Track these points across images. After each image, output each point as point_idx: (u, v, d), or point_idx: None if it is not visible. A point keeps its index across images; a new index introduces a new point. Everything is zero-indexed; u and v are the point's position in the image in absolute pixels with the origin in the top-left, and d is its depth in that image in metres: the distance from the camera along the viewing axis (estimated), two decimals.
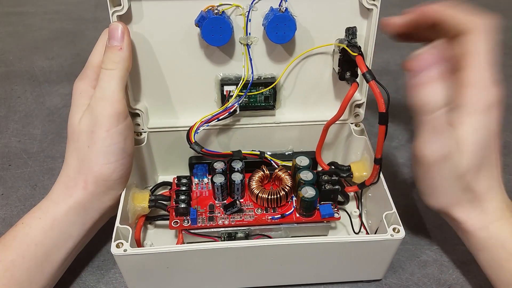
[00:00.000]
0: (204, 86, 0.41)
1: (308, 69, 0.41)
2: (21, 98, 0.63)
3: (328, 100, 0.44)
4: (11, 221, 0.44)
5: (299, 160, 0.40)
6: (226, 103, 0.40)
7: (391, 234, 0.34)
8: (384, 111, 0.33)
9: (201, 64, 0.40)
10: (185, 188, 0.40)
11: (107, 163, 0.35)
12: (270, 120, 0.44)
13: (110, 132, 0.34)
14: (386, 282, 0.39)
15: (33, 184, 0.49)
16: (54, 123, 0.58)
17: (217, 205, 0.39)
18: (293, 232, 0.39)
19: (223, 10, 0.36)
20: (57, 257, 0.35)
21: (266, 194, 0.38)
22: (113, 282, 0.39)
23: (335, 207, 0.39)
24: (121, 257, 0.33)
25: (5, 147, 0.54)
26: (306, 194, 0.37)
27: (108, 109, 0.34)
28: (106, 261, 0.41)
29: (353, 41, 0.37)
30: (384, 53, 0.75)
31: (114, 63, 0.35)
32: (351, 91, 0.37)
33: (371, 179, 0.39)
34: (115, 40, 0.35)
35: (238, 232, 0.38)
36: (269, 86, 0.41)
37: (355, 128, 0.44)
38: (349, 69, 0.38)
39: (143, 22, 0.37)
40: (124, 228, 0.34)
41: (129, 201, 0.38)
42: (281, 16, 0.35)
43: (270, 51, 0.40)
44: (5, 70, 0.70)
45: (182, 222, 0.38)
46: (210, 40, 0.36)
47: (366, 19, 0.38)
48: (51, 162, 0.52)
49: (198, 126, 0.39)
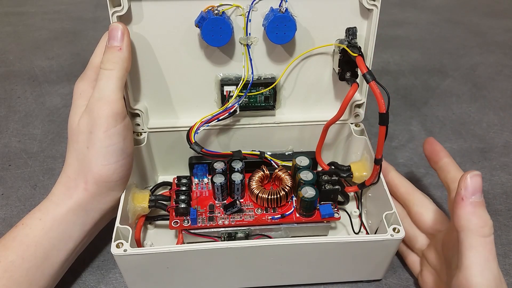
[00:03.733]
0: (204, 86, 0.41)
1: (308, 69, 0.41)
2: (21, 98, 0.63)
3: (328, 100, 0.44)
4: (11, 221, 0.44)
5: (299, 160, 0.40)
6: (226, 103, 0.40)
7: (391, 234, 0.34)
8: (384, 111, 0.33)
9: (201, 64, 0.40)
10: (185, 188, 0.40)
11: (106, 164, 0.35)
12: (270, 120, 0.44)
13: (108, 132, 0.34)
14: (386, 282, 0.39)
15: (33, 184, 0.49)
16: (54, 123, 0.58)
17: (217, 205, 0.39)
18: (293, 232, 0.39)
19: (223, 10, 0.36)
20: (57, 258, 0.35)
21: (266, 194, 0.38)
22: (113, 282, 0.39)
23: (335, 207, 0.39)
24: (121, 257, 0.33)
25: (5, 147, 0.54)
26: (306, 194, 0.37)
27: (106, 110, 0.34)
28: (106, 261, 0.41)
29: (353, 42, 0.37)
30: (384, 53, 0.76)
31: (113, 63, 0.34)
32: (351, 92, 0.37)
33: (371, 179, 0.39)
34: (115, 40, 0.35)
35: (238, 232, 0.38)
36: (269, 87, 0.41)
37: (355, 128, 0.44)
38: (349, 70, 0.38)
39: (143, 22, 0.37)
40: (124, 228, 0.34)
41: (129, 201, 0.38)
42: (281, 17, 0.35)
43: (270, 51, 0.40)
44: (5, 70, 0.70)
45: (182, 222, 0.38)
46: (210, 41, 0.36)
47: (366, 19, 0.38)
48: (51, 162, 0.52)
49: (198, 126, 0.39)
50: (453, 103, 0.63)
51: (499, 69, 0.71)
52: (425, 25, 0.85)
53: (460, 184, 0.30)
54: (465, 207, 0.30)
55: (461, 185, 0.30)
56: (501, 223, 0.45)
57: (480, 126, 0.58)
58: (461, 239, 0.30)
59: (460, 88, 0.66)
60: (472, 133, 0.57)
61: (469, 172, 0.30)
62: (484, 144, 0.55)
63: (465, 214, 0.30)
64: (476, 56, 0.75)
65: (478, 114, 0.61)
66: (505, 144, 0.55)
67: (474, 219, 0.29)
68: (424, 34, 0.82)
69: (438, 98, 0.64)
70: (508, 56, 0.75)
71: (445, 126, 0.58)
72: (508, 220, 0.45)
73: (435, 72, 0.70)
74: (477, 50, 0.77)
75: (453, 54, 0.75)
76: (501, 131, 0.58)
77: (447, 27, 0.85)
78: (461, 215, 0.30)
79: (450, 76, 0.69)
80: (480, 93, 0.65)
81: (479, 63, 0.73)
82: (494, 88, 0.66)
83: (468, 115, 0.61)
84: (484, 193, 0.47)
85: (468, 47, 0.78)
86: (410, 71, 0.71)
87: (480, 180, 0.30)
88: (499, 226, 0.44)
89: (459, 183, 0.30)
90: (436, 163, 0.38)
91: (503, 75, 0.70)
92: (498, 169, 0.51)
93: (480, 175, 0.30)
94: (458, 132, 0.57)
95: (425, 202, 0.38)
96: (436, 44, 0.79)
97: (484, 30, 0.83)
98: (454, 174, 0.36)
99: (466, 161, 0.52)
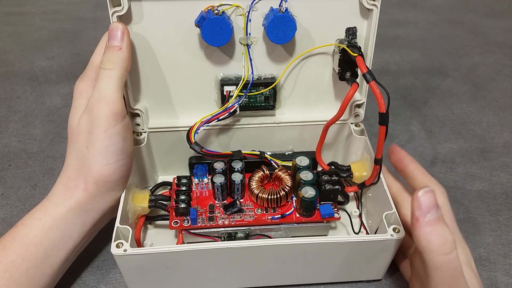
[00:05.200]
0: (204, 86, 0.41)
1: (308, 69, 0.41)
2: (21, 98, 0.63)
3: (328, 100, 0.44)
4: (11, 221, 0.44)
5: (299, 160, 0.40)
6: (226, 103, 0.40)
7: (391, 234, 0.34)
8: (384, 111, 0.33)
9: (201, 64, 0.40)
10: (185, 188, 0.40)
11: (106, 164, 0.35)
12: (270, 120, 0.44)
13: (108, 132, 0.34)
14: (386, 282, 0.39)
15: (33, 184, 0.49)
16: (54, 123, 0.58)
17: (217, 205, 0.39)
18: (293, 232, 0.39)
19: (223, 10, 0.36)
20: (57, 258, 0.34)
21: (266, 194, 0.38)
22: (113, 282, 0.39)
23: (335, 207, 0.39)
24: (121, 257, 0.33)
25: (5, 147, 0.54)
26: (306, 194, 0.37)
27: (106, 110, 0.34)
28: (106, 261, 0.41)
29: (353, 42, 0.37)
30: (384, 53, 0.76)
31: (113, 63, 0.34)
32: (351, 92, 0.37)
33: (371, 179, 0.39)
34: (115, 40, 0.35)
35: (238, 232, 0.38)
36: (269, 86, 0.41)
37: (355, 128, 0.44)
38: (349, 70, 0.38)
39: (143, 22, 0.37)
40: (124, 228, 0.34)
41: (129, 201, 0.38)
42: (281, 17, 0.35)
43: (270, 51, 0.40)
44: (5, 70, 0.70)
45: (182, 222, 0.38)
46: (210, 41, 0.36)
47: (366, 19, 0.38)
48: (51, 162, 0.52)
49: (198, 126, 0.39)
50: (453, 103, 0.63)
51: (499, 69, 0.71)
52: (425, 25, 0.85)
53: (413, 204, 0.29)
54: (422, 228, 0.28)
55: (414, 205, 0.29)
56: (501, 223, 0.45)
57: (480, 126, 0.58)
58: (425, 260, 0.29)
59: (460, 88, 0.66)
60: (472, 133, 0.57)
61: (419, 189, 0.29)
62: (484, 144, 0.55)
63: (423, 234, 0.28)
64: (476, 56, 0.75)
65: (478, 114, 0.61)
66: (505, 144, 0.55)
67: (434, 239, 0.28)
68: (424, 34, 0.82)
69: (438, 98, 0.64)
70: (508, 56, 0.75)
71: (445, 126, 0.58)
72: (508, 220, 0.45)
73: (435, 72, 0.70)
74: (477, 50, 0.77)
75: (453, 54, 0.75)
76: (501, 131, 0.58)
77: (447, 27, 0.85)
78: (419, 236, 0.29)
79: (450, 76, 0.69)
80: (480, 93, 0.65)
81: (479, 63, 0.73)
82: (494, 88, 0.66)
83: (468, 115, 0.61)
84: (484, 193, 0.48)
85: (468, 47, 0.78)
86: (410, 71, 0.71)
87: (433, 195, 0.29)
88: (499, 226, 0.44)
89: (412, 203, 0.29)
90: (403, 171, 0.38)
91: (503, 75, 0.70)
92: (498, 169, 0.51)
93: (431, 191, 0.29)
94: (458, 132, 0.57)
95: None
96: (436, 44, 0.79)
97: (484, 30, 0.83)
98: (421, 180, 0.36)
99: (466, 161, 0.52)
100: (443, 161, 0.52)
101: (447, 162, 0.52)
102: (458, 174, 0.51)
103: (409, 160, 0.37)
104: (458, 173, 0.51)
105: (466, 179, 0.50)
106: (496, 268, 0.40)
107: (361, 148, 0.44)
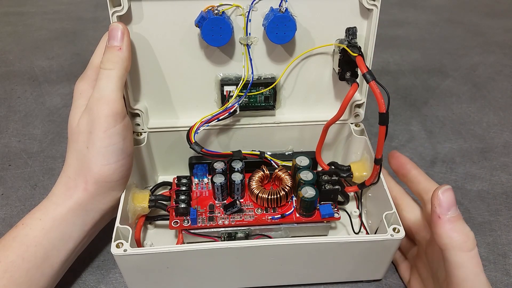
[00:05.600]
0: (204, 86, 0.41)
1: (308, 69, 0.41)
2: (21, 98, 0.63)
3: (328, 100, 0.44)
4: (11, 221, 0.44)
5: (299, 160, 0.40)
6: (226, 103, 0.40)
7: (391, 234, 0.34)
8: (384, 111, 0.33)
9: (201, 64, 0.40)
10: (185, 188, 0.40)
11: (106, 164, 0.35)
12: (270, 120, 0.44)
13: (108, 132, 0.34)
14: (386, 282, 0.39)
15: (33, 184, 0.49)
16: (54, 123, 0.58)
17: (217, 205, 0.39)
18: (293, 232, 0.39)
19: (223, 10, 0.36)
20: (57, 258, 0.34)
21: (266, 194, 0.38)
22: (113, 282, 0.39)
23: (335, 207, 0.39)
24: (121, 257, 0.33)
25: (5, 147, 0.54)
26: (306, 194, 0.37)
27: (106, 109, 0.34)
28: (106, 261, 0.41)
29: (353, 42, 0.37)
30: (384, 53, 0.76)
31: (113, 63, 0.34)
32: (351, 92, 0.37)
33: (371, 179, 0.39)
34: (115, 40, 0.35)
35: (238, 232, 0.38)
36: (269, 86, 0.41)
37: (355, 128, 0.44)
38: (349, 70, 0.38)
39: (143, 22, 0.37)
40: (124, 228, 0.34)
41: (129, 201, 0.38)
42: (281, 17, 0.35)
43: (270, 51, 0.40)
44: (5, 70, 0.70)
45: (182, 222, 0.38)
46: (210, 41, 0.36)
47: (366, 19, 0.38)
48: (51, 162, 0.52)
49: (198, 126, 0.39)
50: (453, 103, 0.63)
51: (499, 69, 0.71)
52: (425, 25, 0.85)
53: (433, 201, 0.29)
54: (443, 225, 0.29)
55: (435, 203, 0.29)
56: (501, 223, 0.45)
57: (480, 126, 0.59)
58: (446, 257, 0.29)
59: (460, 88, 0.66)
60: (472, 133, 0.57)
61: (439, 187, 0.29)
62: (484, 144, 0.55)
63: (445, 232, 0.29)
64: (476, 56, 0.75)
65: (478, 114, 0.61)
66: (505, 144, 0.55)
67: (456, 236, 0.29)
68: (424, 34, 0.82)
69: (438, 98, 0.64)
70: (508, 56, 0.75)
71: (445, 126, 0.58)
72: (508, 220, 0.45)
73: (435, 72, 0.70)
74: (477, 50, 0.77)
75: (453, 54, 0.75)
76: (501, 131, 0.58)
77: (447, 27, 0.85)
78: (441, 233, 0.29)
79: (450, 76, 0.69)
80: (480, 93, 0.65)
81: (479, 63, 0.73)
82: (494, 88, 0.66)
83: (468, 115, 0.61)
84: (484, 193, 0.48)
85: (468, 47, 0.78)
86: (410, 71, 0.71)
87: (452, 193, 0.29)
88: (499, 226, 0.44)
89: (432, 200, 0.29)
90: (405, 176, 0.37)
91: (503, 75, 0.70)
92: (498, 169, 0.51)
93: (451, 189, 0.29)
94: (458, 132, 0.57)
95: (413, 208, 0.38)
96: (436, 44, 0.79)
97: (484, 30, 0.83)
98: (425, 185, 0.35)
99: (466, 161, 0.52)
100: (443, 161, 0.52)
101: (447, 162, 0.52)
102: (458, 174, 0.51)
103: (411, 165, 0.37)
104: (458, 173, 0.51)
105: (466, 179, 0.50)
106: (496, 268, 0.40)
107: (361, 148, 0.44)
